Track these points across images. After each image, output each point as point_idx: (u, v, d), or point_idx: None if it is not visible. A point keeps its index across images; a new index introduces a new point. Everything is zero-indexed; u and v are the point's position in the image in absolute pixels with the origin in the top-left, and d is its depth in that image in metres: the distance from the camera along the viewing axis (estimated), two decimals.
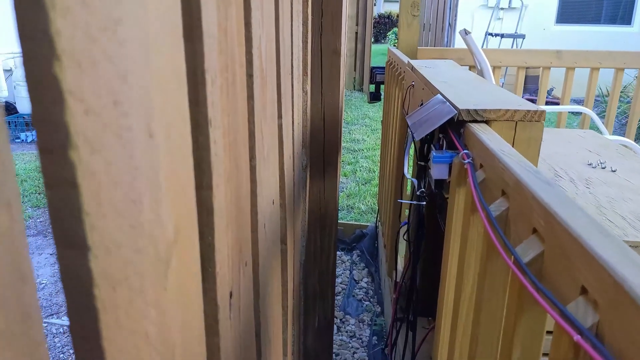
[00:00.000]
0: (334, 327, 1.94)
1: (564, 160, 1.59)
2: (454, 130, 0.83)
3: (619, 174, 1.45)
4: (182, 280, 0.29)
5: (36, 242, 3.03)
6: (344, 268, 2.63)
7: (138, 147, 0.22)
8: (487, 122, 0.82)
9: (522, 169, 0.57)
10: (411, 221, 1.29)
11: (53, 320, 2.31)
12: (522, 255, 0.48)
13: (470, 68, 2.50)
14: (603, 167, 1.50)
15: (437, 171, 0.86)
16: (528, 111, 0.80)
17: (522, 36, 7.47)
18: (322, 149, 1.39)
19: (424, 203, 1.07)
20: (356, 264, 2.67)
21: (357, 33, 7.17)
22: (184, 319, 0.30)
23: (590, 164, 1.54)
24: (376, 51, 9.19)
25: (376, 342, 2.06)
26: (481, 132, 0.76)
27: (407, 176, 1.16)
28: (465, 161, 0.74)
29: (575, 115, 5.73)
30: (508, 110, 0.81)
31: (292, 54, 0.86)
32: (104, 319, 0.20)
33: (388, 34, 14.28)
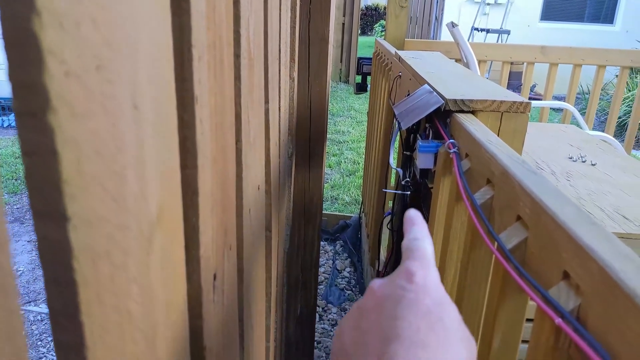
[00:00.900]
0: (316, 316, 1.95)
1: (545, 154, 1.61)
2: (440, 120, 0.83)
3: (599, 167, 1.48)
4: (166, 258, 0.28)
5: (13, 228, 2.96)
6: (326, 258, 2.64)
7: (122, 118, 0.22)
8: (473, 112, 0.82)
9: (509, 158, 0.58)
10: (395, 211, 1.29)
11: (30, 307, 2.27)
12: (505, 241, 0.48)
13: (457, 61, 2.51)
14: (583, 161, 1.53)
15: (423, 160, 0.86)
16: (514, 102, 0.81)
17: (507, 32, 7.54)
18: (308, 138, 1.39)
19: (409, 193, 1.08)
20: (339, 254, 2.68)
21: (344, 24, 7.11)
22: (167, 299, 0.29)
23: (571, 158, 1.57)
24: (362, 43, 9.16)
25: None
26: (468, 122, 0.76)
27: (393, 166, 1.16)
28: (451, 150, 0.75)
29: (557, 112, 5.82)
30: (494, 101, 0.81)
31: (280, 38, 0.84)
32: (84, 293, 0.19)
33: (375, 26, 14.25)
